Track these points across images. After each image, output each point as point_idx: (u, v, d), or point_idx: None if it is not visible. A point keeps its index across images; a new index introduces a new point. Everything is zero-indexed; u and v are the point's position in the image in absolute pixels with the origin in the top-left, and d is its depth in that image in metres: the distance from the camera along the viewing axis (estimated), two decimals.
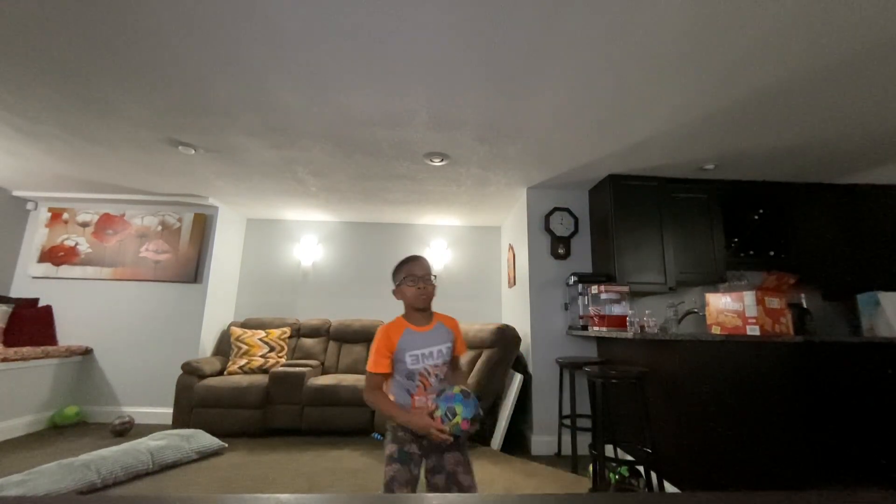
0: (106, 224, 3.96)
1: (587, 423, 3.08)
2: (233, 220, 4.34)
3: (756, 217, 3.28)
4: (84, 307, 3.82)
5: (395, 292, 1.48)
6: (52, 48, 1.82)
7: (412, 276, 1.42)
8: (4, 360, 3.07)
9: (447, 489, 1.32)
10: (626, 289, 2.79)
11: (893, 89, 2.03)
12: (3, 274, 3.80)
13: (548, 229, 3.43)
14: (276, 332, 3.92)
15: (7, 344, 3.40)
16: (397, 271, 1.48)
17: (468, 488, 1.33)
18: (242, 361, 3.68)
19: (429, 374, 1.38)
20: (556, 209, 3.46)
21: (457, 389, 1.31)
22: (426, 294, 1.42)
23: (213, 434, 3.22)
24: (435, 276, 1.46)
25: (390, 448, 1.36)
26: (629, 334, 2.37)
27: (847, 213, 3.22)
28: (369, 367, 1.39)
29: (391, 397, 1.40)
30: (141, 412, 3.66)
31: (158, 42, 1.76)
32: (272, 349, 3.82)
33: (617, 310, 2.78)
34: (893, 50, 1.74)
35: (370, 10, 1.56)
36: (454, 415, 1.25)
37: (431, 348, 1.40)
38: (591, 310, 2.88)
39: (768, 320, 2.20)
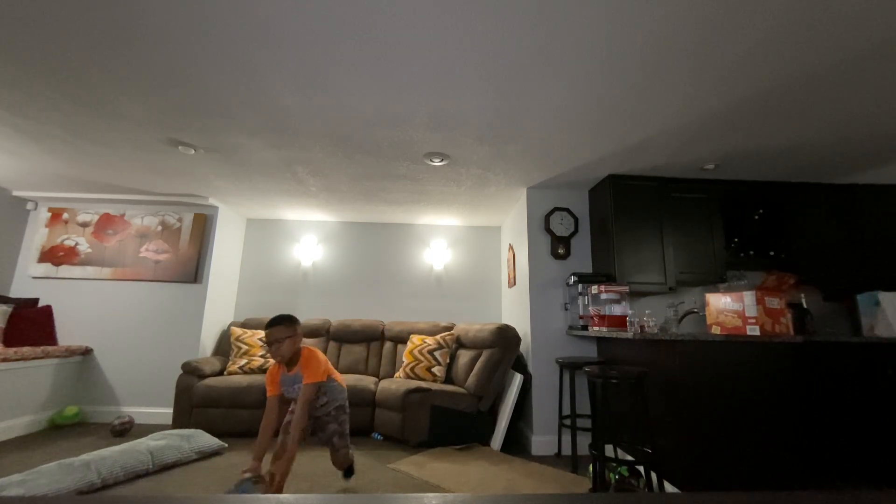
0: (106, 224, 3.96)
1: (587, 423, 3.08)
2: (233, 220, 4.34)
3: (756, 217, 3.28)
4: (84, 307, 3.82)
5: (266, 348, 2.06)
6: (52, 48, 1.82)
7: (266, 341, 1.95)
8: (4, 360, 3.07)
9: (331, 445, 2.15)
10: (625, 289, 2.79)
11: (893, 89, 2.03)
12: (3, 274, 3.80)
13: (548, 229, 3.43)
14: None
15: (7, 344, 3.40)
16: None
17: (339, 447, 2.15)
18: (242, 361, 3.68)
19: (294, 399, 2.05)
20: (556, 209, 3.46)
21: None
22: (276, 354, 1.95)
23: (213, 434, 3.22)
24: (289, 339, 1.96)
25: None
26: (629, 334, 2.37)
27: (847, 213, 3.22)
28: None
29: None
30: (141, 412, 3.66)
31: (159, 42, 1.76)
32: None
33: (617, 310, 2.78)
34: (893, 50, 1.75)
35: (370, 10, 1.56)
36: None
37: (293, 385, 2.01)
38: (591, 310, 2.88)
39: (768, 320, 2.20)
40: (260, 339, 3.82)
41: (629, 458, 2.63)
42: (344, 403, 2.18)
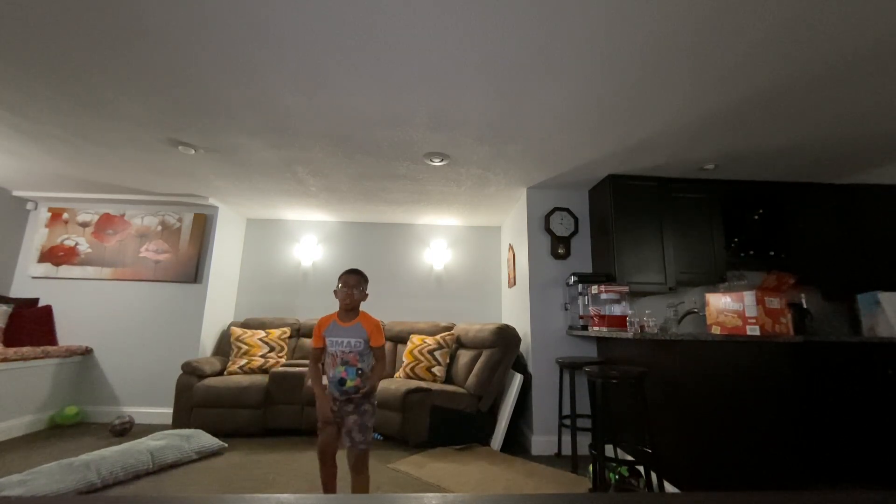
0: (106, 224, 3.96)
1: (587, 423, 3.08)
2: (233, 220, 4.34)
3: (756, 217, 3.28)
4: (84, 307, 3.82)
5: (334, 292, 1.94)
6: (52, 48, 1.82)
7: (343, 283, 1.94)
8: (4, 360, 3.07)
9: (349, 440, 1.87)
10: (625, 289, 2.79)
11: (892, 89, 2.03)
12: (3, 274, 3.80)
13: (548, 229, 3.43)
14: (276, 332, 3.92)
15: (7, 344, 3.40)
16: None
17: (357, 443, 1.85)
18: (242, 361, 3.68)
19: (336, 355, 1.90)
20: (556, 209, 3.46)
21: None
22: (347, 297, 1.92)
23: (213, 434, 3.22)
24: (361, 290, 1.97)
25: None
26: (629, 334, 2.37)
27: (847, 213, 3.22)
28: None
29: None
30: (141, 412, 3.66)
31: (159, 42, 1.76)
32: (272, 349, 3.82)
33: (617, 310, 2.78)
34: (892, 50, 1.74)
35: (370, 10, 1.56)
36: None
37: (343, 339, 1.90)
38: (591, 310, 2.88)
39: (768, 320, 2.20)
40: (260, 339, 3.82)
41: (629, 458, 2.63)
42: (372, 391, 1.95)
